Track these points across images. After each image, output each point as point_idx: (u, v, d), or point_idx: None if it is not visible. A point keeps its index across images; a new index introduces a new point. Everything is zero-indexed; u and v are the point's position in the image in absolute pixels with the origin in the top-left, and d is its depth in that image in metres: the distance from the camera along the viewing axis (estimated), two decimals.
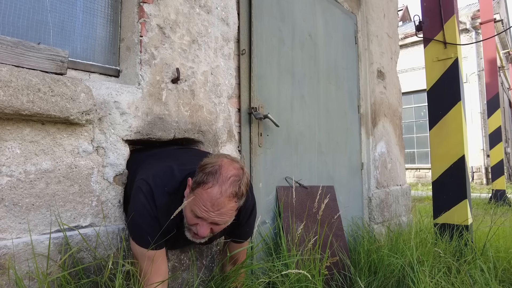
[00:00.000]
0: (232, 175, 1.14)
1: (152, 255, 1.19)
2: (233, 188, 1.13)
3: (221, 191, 1.11)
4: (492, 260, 2.09)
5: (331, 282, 2.06)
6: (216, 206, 1.12)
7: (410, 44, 12.85)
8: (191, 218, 1.16)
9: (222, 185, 1.12)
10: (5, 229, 1.08)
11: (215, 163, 1.16)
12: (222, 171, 1.14)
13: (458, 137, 2.77)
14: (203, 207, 1.12)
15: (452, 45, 2.84)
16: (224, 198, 1.12)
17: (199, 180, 1.13)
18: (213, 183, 1.11)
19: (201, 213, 1.13)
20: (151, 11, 1.53)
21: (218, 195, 1.11)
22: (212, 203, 1.11)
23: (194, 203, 1.13)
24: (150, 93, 1.51)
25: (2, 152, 1.08)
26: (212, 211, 1.12)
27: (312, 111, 2.55)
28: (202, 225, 1.15)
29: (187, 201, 1.16)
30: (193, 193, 1.14)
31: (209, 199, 1.11)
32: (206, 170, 1.14)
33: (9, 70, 1.05)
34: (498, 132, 7.15)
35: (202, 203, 1.12)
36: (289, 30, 2.38)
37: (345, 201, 2.76)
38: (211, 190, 1.11)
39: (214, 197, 1.11)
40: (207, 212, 1.12)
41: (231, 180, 1.13)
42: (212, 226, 1.17)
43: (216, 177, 1.12)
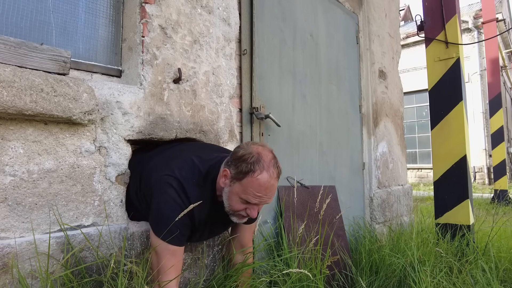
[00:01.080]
0: (271, 158, 1.24)
1: (176, 250, 1.23)
2: (276, 170, 1.24)
3: (270, 175, 1.21)
4: (494, 260, 2.09)
5: (333, 281, 2.06)
6: (269, 190, 1.22)
7: (411, 43, 12.83)
8: (239, 205, 1.24)
9: (268, 169, 1.21)
10: (8, 228, 1.09)
11: (253, 151, 1.24)
12: (263, 157, 1.22)
13: (460, 137, 2.76)
14: (257, 193, 1.20)
15: (454, 45, 2.83)
16: (274, 181, 1.22)
17: (246, 169, 1.20)
18: (260, 170, 1.20)
19: (255, 200, 1.22)
20: (153, 12, 1.54)
21: (269, 179, 1.20)
22: (266, 187, 1.21)
23: (244, 192, 1.21)
24: (152, 93, 1.51)
25: (6, 151, 1.09)
26: (265, 195, 1.22)
27: (313, 111, 2.55)
28: (254, 208, 1.25)
29: (230, 189, 1.24)
30: (239, 183, 1.22)
31: (262, 185, 1.20)
32: (248, 160, 1.21)
33: (12, 71, 1.06)
34: (500, 132, 7.13)
35: (255, 190, 1.20)
36: (291, 30, 2.39)
37: (346, 201, 2.76)
38: (262, 177, 1.20)
39: (267, 182, 1.20)
40: (261, 197, 1.21)
41: (272, 163, 1.23)
42: (259, 207, 1.27)
43: (261, 164, 1.21)
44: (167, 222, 1.21)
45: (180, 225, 1.22)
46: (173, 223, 1.20)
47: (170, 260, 1.21)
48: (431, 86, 2.94)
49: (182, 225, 1.23)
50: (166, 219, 1.21)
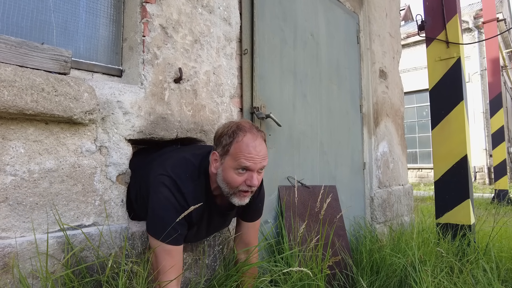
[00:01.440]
0: (250, 124, 1.27)
1: (172, 250, 1.22)
2: (260, 132, 1.26)
3: (253, 134, 1.22)
4: (495, 260, 2.08)
5: (333, 281, 2.06)
6: (258, 148, 1.22)
7: (412, 43, 12.82)
8: (236, 177, 1.22)
9: (250, 131, 1.23)
10: (9, 228, 1.09)
11: (230, 124, 1.25)
12: (242, 124, 1.25)
13: (460, 137, 2.76)
14: (248, 154, 1.19)
15: (454, 45, 2.83)
16: (259, 140, 1.23)
17: (229, 140, 1.21)
18: (243, 133, 1.21)
19: (248, 162, 1.20)
20: (154, 11, 1.54)
21: (254, 137, 1.22)
22: (254, 146, 1.21)
23: (235, 158, 1.20)
24: (152, 93, 1.51)
25: (6, 151, 1.09)
26: (256, 154, 1.21)
27: (314, 111, 2.55)
28: (251, 175, 1.22)
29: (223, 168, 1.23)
30: (228, 156, 1.22)
31: (250, 144, 1.20)
32: (228, 131, 1.23)
33: (13, 70, 1.06)
34: (501, 132, 7.12)
35: (244, 152, 1.19)
36: (291, 29, 2.38)
37: (347, 200, 2.76)
38: (246, 137, 1.21)
39: (253, 140, 1.21)
40: (253, 158, 1.20)
41: (254, 127, 1.25)
42: (258, 174, 1.25)
43: (242, 128, 1.22)
44: (162, 222, 1.20)
45: (176, 224, 1.21)
46: (168, 223, 1.20)
47: (168, 260, 1.21)
48: (431, 86, 2.94)
49: (177, 223, 1.22)
50: (160, 219, 1.21)
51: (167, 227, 1.19)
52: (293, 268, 1.31)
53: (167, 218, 1.19)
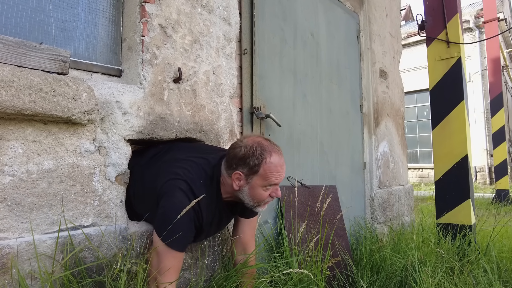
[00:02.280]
0: (268, 141, 1.34)
1: (176, 255, 1.23)
2: (278, 147, 1.35)
3: (278, 154, 1.32)
4: (496, 260, 2.08)
5: (333, 282, 2.06)
6: (283, 166, 1.34)
7: (412, 43, 12.81)
8: (264, 193, 1.32)
9: (274, 150, 1.31)
10: (7, 229, 1.08)
11: (252, 144, 1.30)
12: (263, 143, 1.31)
13: (461, 137, 2.75)
14: (277, 173, 1.30)
15: (455, 44, 2.82)
16: (281, 155, 1.34)
17: (257, 162, 1.27)
18: (269, 154, 1.29)
19: (277, 179, 1.31)
20: (153, 11, 1.53)
21: (279, 156, 1.32)
22: (281, 165, 1.32)
23: (265, 179, 1.29)
24: (152, 93, 1.51)
25: (5, 151, 1.09)
26: (282, 171, 1.32)
27: (314, 111, 2.54)
28: (277, 188, 1.34)
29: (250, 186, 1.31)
30: (256, 176, 1.29)
31: (278, 165, 1.30)
32: (254, 153, 1.28)
33: (11, 70, 1.05)
34: (501, 132, 7.11)
35: (274, 171, 1.29)
36: (291, 29, 2.38)
37: (347, 200, 2.76)
38: (274, 158, 1.29)
39: (279, 160, 1.31)
40: (281, 175, 1.32)
41: (272, 144, 1.33)
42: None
43: (266, 149, 1.29)
44: (173, 226, 1.20)
45: (186, 229, 1.23)
46: (179, 227, 1.20)
47: (171, 263, 1.21)
48: (432, 85, 2.93)
49: (188, 230, 1.24)
50: (172, 223, 1.20)
51: (177, 232, 1.20)
52: (293, 270, 1.31)
53: (179, 223, 1.19)
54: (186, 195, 1.24)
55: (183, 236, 1.21)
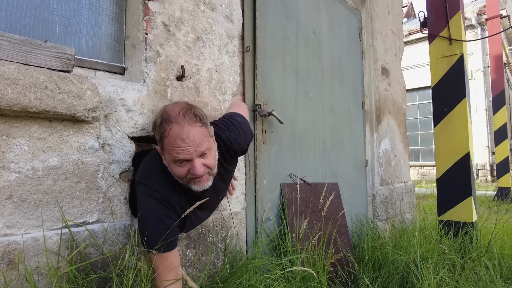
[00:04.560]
0: (179, 109, 1.18)
1: (167, 256, 1.20)
2: (188, 117, 1.16)
3: (179, 124, 1.14)
4: (497, 257, 2.09)
5: (335, 278, 2.07)
6: (187, 138, 1.13)
7: (414, 40, 12.77)
8: (179, 169, 1.17)
9: (176, 121, 1.14)
10: (14, 225, 1.09)
11: (161, 113, 1.19)
12: (169, 113, 1.16)
13: (463, 134, 2.75)
14: (178, 148, 1.13)
15: (457, 42, 2.82)
16: (186, 127, 1.14)
17: (159, 135, 1.16)
18: (169, 126, 1.14)
19: (181, 155, 1.13)
20: (156, 9, 1.54)
21: (180, 128, 1.13)
22: (181, 138, 1.12)
23: (170, 154, 1.15)
24: (155, 91, 1.51)
25: (11, 149, 1.10)
26: (186, 145, 1.13)
27: (316, 108, 2.54)
28: (192, 165, 1.15)
29: (166, 162, 1.20)
30: (164, 151, 1.17)
31: (177, 138, 1.12)
32: (157, 124, 1.17)
33: (17, 68, 1.06)
34: (503, 129, 7.10)
35: (174, 147, 1.13)
36: (293, 26, 2.38)
37: (349, 198, 2.76)
38: (172, 132, 1.13)
39: (178, 132, 1.13)
40: (184, 149, 1.13)
41: (181, 113, 1.16)
42: (201, 160, 1.17)
43: (168, 120, 1.15)
44: (150, 234, 1.18)
45: (164, 231, 1.19)
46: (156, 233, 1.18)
47: (164, 265, 1.20)
48: (434, 83, 2.93)
49: (167, 231, 1.20)
50: (148, 232, 1.18)
51: (157, 238, 1.17)
52: (297, 268, 1.31)
53: (153, 229, 1.17)
54: (148, 196, 1.20)
55: (163, 238, 1.17)
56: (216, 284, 1.50)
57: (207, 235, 1.66)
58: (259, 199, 1.98)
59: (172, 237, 1.22)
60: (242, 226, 1.87)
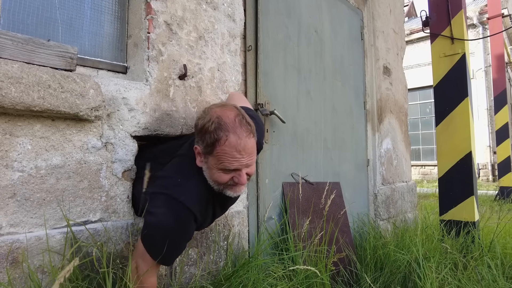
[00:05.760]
0: (234, 116, 1.14)
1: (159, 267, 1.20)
2: (244, 127, 1.13)
3: (238, 136, 1.11)
4: (500, 257, 2.08)
5: (337, 277, 2.07)
6: (243, 151, 1.12)
7: (415, 40, 12.74)
8: (223, 176, 1.15)
9: (234, 130, 1.11)
10: (17, 224, 1.10)
11: (211, 117, 1.14)
12: (224, 119, 1.12)
13: (465, 133, 2.75)
14: (232, 158, 1.11)
15: (459, 41, 2.81)
16: (245, 139, 1.12)
17: (210, 140, 1.12)
18: (225, 134, 1.10)
19: (233, 165, 1.12)
20: (158, 8, 1.54)
21: (238, 140, 1.11)
22: (238, 150, 1.11)
23: (219, 162, 1.12)
24: (157, 90, 1.52)
25: (14, 147, 1.10)
26: (241, 157, 1.12)
27: (318, 107, 2.54)
28: (239, 175, 1.15)
29: (207, 166, 1.16)
30: (211, 157, 1.14)
31: (234, 149, 1.10)
32: (209, 128, 1.12)
33: (20, 67, 1.06)
34: (505, 129, 7.09)
35: (229, 156, 1.11)
36: (295, 26, 2.38)
37: (351, 197, 2.76)
38: (229, 141, 1.10)
39: (237, 144, 1.10)
40: (238, 160, 1.12)
41: (238, 121, 1.13)
42: (246, 169, 1.17)
43: (224, 127, 1.11)
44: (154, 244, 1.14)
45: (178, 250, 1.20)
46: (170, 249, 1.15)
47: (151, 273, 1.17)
48: (436, 82, 2.93)
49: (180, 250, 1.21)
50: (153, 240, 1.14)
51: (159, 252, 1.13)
52: (300, 266, 1.31)
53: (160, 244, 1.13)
54: (173, 213, 1.13)
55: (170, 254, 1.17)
56: (219, 282, 1.50)
57: (209, 234, 1.66)
58: (261, 198, 1.98)
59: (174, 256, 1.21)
60: (244, 225, 1.87)
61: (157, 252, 1.13)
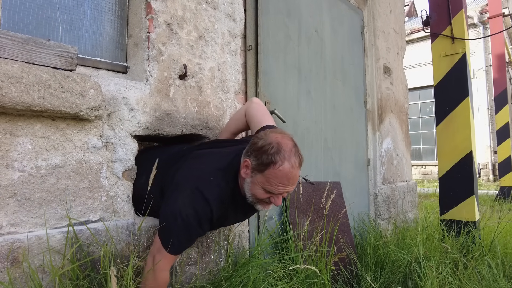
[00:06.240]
0: (291, 146, 1.20)
1: (174, 258, 1.24)
2: (298, 159, 1.20)
3: (292, 165, 1.17)
4: (500, 256, 2.08)
5: (338, 277, 2.07)
6: (292, 180, 1.19)
7: (416, 39, 12.73)
8: (262, 193, 1.22)
9: (289, 159, 1.17)
10: (17, 223, 1.10)
11: (272, 141, 1.20)
12: (284, 147, 1.18)
13: (465, 133, 2.74)
14: (280, 184, 1.18)
15: (460, 40, 2.81)
16: (296, 170, 1.19)
17: (267, 161, 1.17)
18: (282, 161, 1.16)
19: (278, 190, 1.19)
20: (159, 7, 1.54)
21: (291, 169, 1.17)
22: (288, 178, 1.17)
23: (267, 183, 1.18)
24: (158, 89, 1.51)
25: (14, 147, 1.10)
26: (287, 184, 1.19)
27: (318, 107, 2.54)
28: (278, 197, 1.22)
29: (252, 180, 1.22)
30: (261, 174, 1.19)
31: (285, 176, 1.17)
32: (269, 150, 1.18)
33: (20, 67, 1.06)
34: (506, 128, 7.08)
35: (278, 181, 1.17)
36: (296, 25, 2.37)
37: (351, 197, 2.76)
38: (283, 168, 1.16)
39: (289, 172, 1.17)
40: (284, 187, 1.19)
41: (293, 152, 1.19)
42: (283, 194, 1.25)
43: (282, 154, 1.17)
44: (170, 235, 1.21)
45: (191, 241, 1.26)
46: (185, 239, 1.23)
47: (166, 265, 1.23)
48: (436, 81, 2.92)
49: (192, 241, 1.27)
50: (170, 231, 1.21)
51: (182, 243, 1.22)
52: (301, 266, 1.31)
53: (177, 234, 1.20)
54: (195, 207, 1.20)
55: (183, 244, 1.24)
56: (219, 282, 1.50)
57: (210, 233, 1.66)
58: None
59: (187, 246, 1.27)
60: (244, 224, 1.87)
61: (172, 239, 1.19)
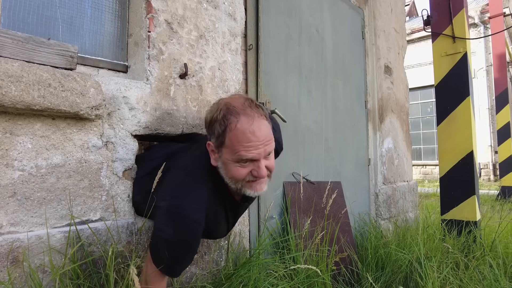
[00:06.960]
0: (243, 101, 1.05)
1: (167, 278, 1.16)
2: (255, 108, 1.04)
3: (248, 115, 1.00)
4: (501, 256, 2.08)
5: (338, 277, 2.06)
6: (257, 131, 1.00)
7: (416, 39, 12.72)
8: (240, 170, 1.03)
9: (244, 113, 1.01)
10: (17, 223, 1.09)
11: (219, 106, 1.05)
12: (232, 104, 1.03)
13: (466, 133, 2.74)
14: (247, 143, 0.99)
15: (461, 40, 2.80)
16: (257, 121, 1.01)
17: (221, 128, 1.01)
18: (236, 117, 1.00)
19: (250, 153, 0.99)
20: (159, 6, 1.53)
21: (250, 120, 1.00)
22: (251, 131, 0.99)
23: (234, 151, 1.01)
24: (158, 89, 1.51)
25: (14, 146, 1.10)
26: (257, 140, 0.99)
27: (319, 107, 2.54)
28: (258, 166, 1.02)
29: (222, 161, 1.05)
30: (224, 148, 1.03)
31: (247, 133, 0.98)
32: (218, 117, 1.02)
33: (20, 66, 1.06)
34: (507, 128, 7.07)
35: (243, 141, 0.99)
36: (296, 25, 2.37)
37: (352, 196, 2.76)
38: (241, 124, 0.99)
39: (248, 125, 0.99)
40: (253, 144, 0.99)
41: (247, 105, 1.03)
42: (265, 161, 1.05)
43: (233, 111, 1.01)
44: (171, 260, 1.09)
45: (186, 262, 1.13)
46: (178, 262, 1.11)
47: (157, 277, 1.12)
48: (437, 81, 2.92)
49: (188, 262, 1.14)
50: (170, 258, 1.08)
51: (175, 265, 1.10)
52: (301, 266, 1.31)
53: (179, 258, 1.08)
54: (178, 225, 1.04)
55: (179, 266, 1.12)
56: (220, 282, 1.50)
57: None
58: (262, 198, 1.98)
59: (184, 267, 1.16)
60: (245, 224, 1.86)
61: (161, 263, 1.08)
